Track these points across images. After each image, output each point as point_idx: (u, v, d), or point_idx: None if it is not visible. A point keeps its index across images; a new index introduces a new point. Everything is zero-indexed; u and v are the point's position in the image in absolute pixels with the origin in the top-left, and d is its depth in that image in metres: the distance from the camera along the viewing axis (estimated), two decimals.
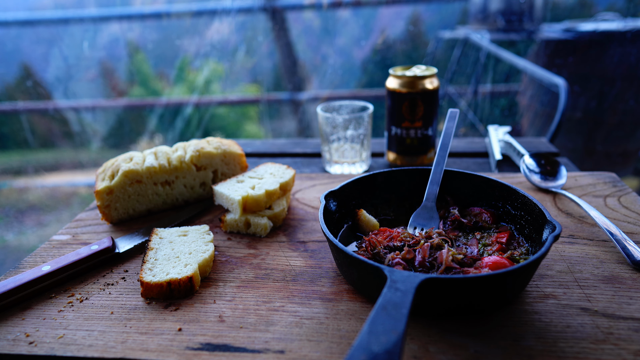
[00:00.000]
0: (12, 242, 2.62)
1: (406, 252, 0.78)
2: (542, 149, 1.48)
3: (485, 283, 0.65)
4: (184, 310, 0.76)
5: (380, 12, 3.13)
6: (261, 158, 1.55)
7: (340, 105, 1.38)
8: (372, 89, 3.15)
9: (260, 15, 2.99)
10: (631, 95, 2.48)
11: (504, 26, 2.97)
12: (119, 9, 3.14)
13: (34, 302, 0.80)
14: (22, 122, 3.03)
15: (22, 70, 3.01)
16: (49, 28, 3.11)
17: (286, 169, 1.13)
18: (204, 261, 0.84)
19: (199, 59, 3.09)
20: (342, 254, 0.73)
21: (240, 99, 3.36)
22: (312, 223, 1.03)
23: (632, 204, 1.03)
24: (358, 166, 1.37)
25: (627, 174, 2.61)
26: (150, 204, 1.11)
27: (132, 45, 3.16)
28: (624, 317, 0.69)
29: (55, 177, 3.12)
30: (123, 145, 3.23)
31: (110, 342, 0.69)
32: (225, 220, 1.01)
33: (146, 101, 3.26)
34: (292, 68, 3.12)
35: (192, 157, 1.12)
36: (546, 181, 1.14)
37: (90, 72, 3.11)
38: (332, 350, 0.66)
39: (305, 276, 0.84)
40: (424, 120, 1.28)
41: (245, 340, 0.69)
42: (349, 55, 3.16)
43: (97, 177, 1.10)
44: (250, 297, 0.79)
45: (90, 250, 0.88)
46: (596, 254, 0.86)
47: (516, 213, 0.89)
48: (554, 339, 0.66)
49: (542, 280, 0.79)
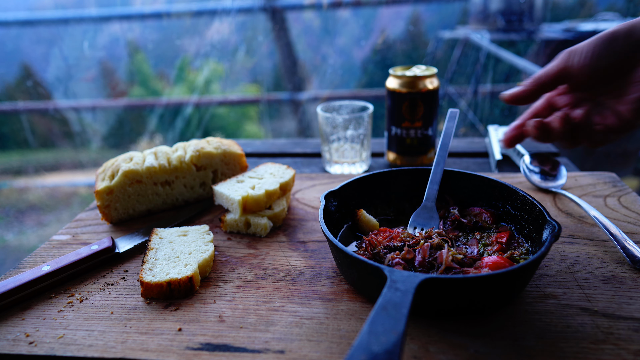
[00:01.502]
0: (12, 242, 2.62)
1: (406, 252, 0.78)
2: (542, 149, 1.48)
3: (485, 283, 0.65)
4: (184, 310, 0.76)
5: (380, 12, 3.13)
6: (261, 158, 1.55)
7: (340, 105, 1.38)
8: (372, 89, 3.15)
9: (260, 15, 2.99)
10: None
11: (504, 26, 2.97)
12: (119, 9, 3.14)
13: (34, 302, 0.80)
14: (22, 122, 3.03)
15: (22, 70, 3.01)
16: (49, 28, 3.11)
17: (286, 169, 1.13)
18: (204, 261, 0.84)
19: (199, 59, 3.09)
20: (342, 254, 0.73)
21: (240, 99, 3.36)
22: (312, 223, 1.03)
23: (632, 204, 1.03)
24: (358, 166, 1.37)
25: (627, 174, 2.61)
26: (150, 204, 1.11)
27: (132, 45, 3.16)
28: (624, 317, 0.69)
29: (55, 177, 3.12)
30: (123, 145, 3.22)
31: (110, 342, 0.69)
32: (225, 220, 1.01)
33: (146, 101, 3.26)
34: (292, 68, 3.12)
35: (192, 157, 1.12)
36: (546, 181, 1.14)
37: (90, 72, 3.11)
38: (332, 350, 0.66)
39: (305, 276, 0.84)
40: (424, 120, 1.28)
41: (245, 340, 0.69)
42: (349, 55, 3.16)
43: (97, 177, 1.10)
44: (250, 297, 0.79)
45: (90, 250, 0.88)
46: (596, 254, 0.86)
47: (516, 213, 0.89)
48: (554, 339, 0.66)
49: (542, 280, 0.79)
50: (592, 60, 0.81)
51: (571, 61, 0.83)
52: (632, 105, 0.79)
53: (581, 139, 0.84)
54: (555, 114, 0.84)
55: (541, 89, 0.86)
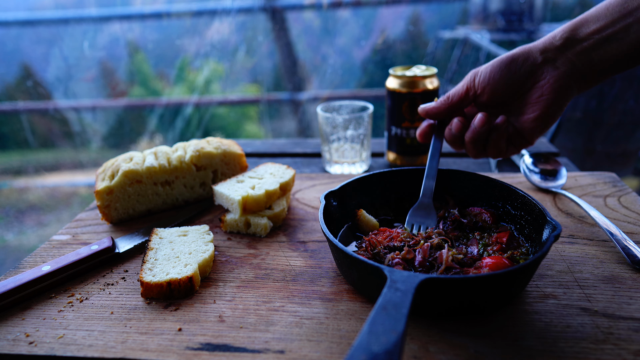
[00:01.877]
0: (12, 242, 2.62)
1: (406, 252, 0.78)
2: (542, 149, 1.48)
3: (485, 283, 0.65)
4: (184, 310, 0.76)
5: (380, 12, 3.13)
6: (261, 158, 1.55)
7: (340, 105, 1.38)
8: (372, 89, 3.15)
9: (260, 15, 2.99)
10: (631, 95, 2.48)
11: (504, 26, 2.97)
12: (119, 9, 3.14)
13: (34, 302, 0.80)
14: (22, 122, 3.03)
15: (22, 70, 3.01)
16: (49, 28, 3.11)
17: (286, 169, 1.13)
18: (204, 261, 0.84)
19: (199, 59, 3.09)
20: (342, 254, 0.73)
21: (240, 99, 3.36)
22: (312, 223, 1.03)
23: (632, 204, 1.03)
24: (358, 166, 1.37)
25: (627, 174, 2.60)
26: (150, 204, 1.11)
27: (132, 45, 3.16)
28: (624, 317, 0.69)
29: (55, 177, 3.12)
30: (123, 145, 3.22)
31: (110, 342, 0.69)
32: (225, 220, 1.01)
33: (146, 101, 3.26)
34: (292, 68, 3.12)
35: (192, 157, 1.12)
36: (546, 181, 1.14)
37: (90, 72, 3.11)
38: (332, 350, 0.66)
39: (305, 276, 0.84)
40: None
41: (245, 340, 0.69)
42: (349, 55, 3.16)
43: (97, 177, 1.10)
44: (250, 297, 0.79)
45: (90, 250, 0.88)
46: (596, 254, 0.86)
47: (516, 213, 0.89)
48: (554, 339, 0.66)
49: (542, 280, 0.79)
50: (492, 82, 0.87)
51: (473, 82, 0.90)
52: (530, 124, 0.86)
53: (487, 149, 0.91)
54: (477, 119, 0.89)
55: (451, 107, 0.93)
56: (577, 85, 0.84)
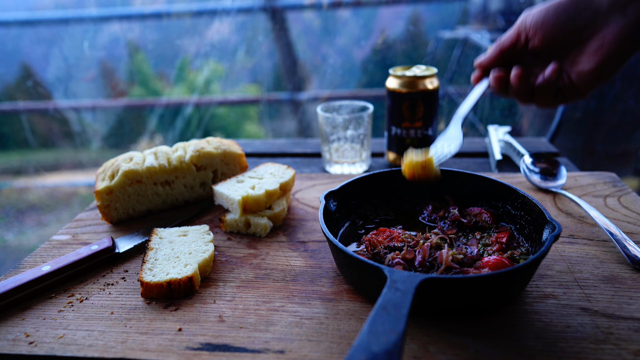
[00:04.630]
0: (12, 242, 2.62)
1: (406, 252, 0.78)
2: (542, 149, 1.48)
3: (485, 283, 0.65)
4: (184, 310, 0.76)
5: (380, 12, 3.13)
6: (261, 158, 1.55)
7: (340, 105, 1.38)
8: (372, 89, 3.15)
9: (260, 15, 2.99)
10: (631, 95, 2.48)
11: (504, 26, 2.96)
12: (119, 9, 3.14)
13: (34, 302, 0.80)
14: (22, 122, 3.03)
15: (22, 70, 3.01)
16: (49, 28, 3.11)
17: (286, 169, 1.13)
18: (204, 261, 0.84)
19: (199, 59, 3.09)
20: (342, 254, 0.73)
21: (240, 99, 3.36)
22: (312, 223, 1.03)
23: (632, 204, 1.03)
24: (358, 166, 1.37)
25: (627, 174, 2.60)
26: (150, 204, 1.11)
27: (132, 45, 3.16)
28: (624, 317, 0.69)
29: (55, 177, 3.12)
30: (123, 145, 3.22)
31: (110, 342, 0.69)
32: (225, 220, 1.01)
33: (146, 101, 3.26)
34: (292, 68, 3.12)
35: (192, 157, 1.12)
36: (546, 181, 1.14)
37: (90, 72, 3.11)
38: (332, 350, 0.66)
39: (305, 276, 0.84)
40: (424, 120, 1.28)
41: (245, 340, 0.69)
42: (349, 55, 3.16)
43: (97, 177, 1.10)
44: (250, 297, 0.79)
45: (90, 250, 0.88)
46: (596, 254, 0.86)
47: (516, 213, 0.89)
48: (554, 339, 0.66)
49: (542, 280, 0.79)
50: (545, 25, 0.80)
51: (524, 24, 0.83)
52: (585, 77, 0.77)
53: (535, 98, 0.85)
54: (515, 72, 0.84)
55: (503, 53, 0.87)
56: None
